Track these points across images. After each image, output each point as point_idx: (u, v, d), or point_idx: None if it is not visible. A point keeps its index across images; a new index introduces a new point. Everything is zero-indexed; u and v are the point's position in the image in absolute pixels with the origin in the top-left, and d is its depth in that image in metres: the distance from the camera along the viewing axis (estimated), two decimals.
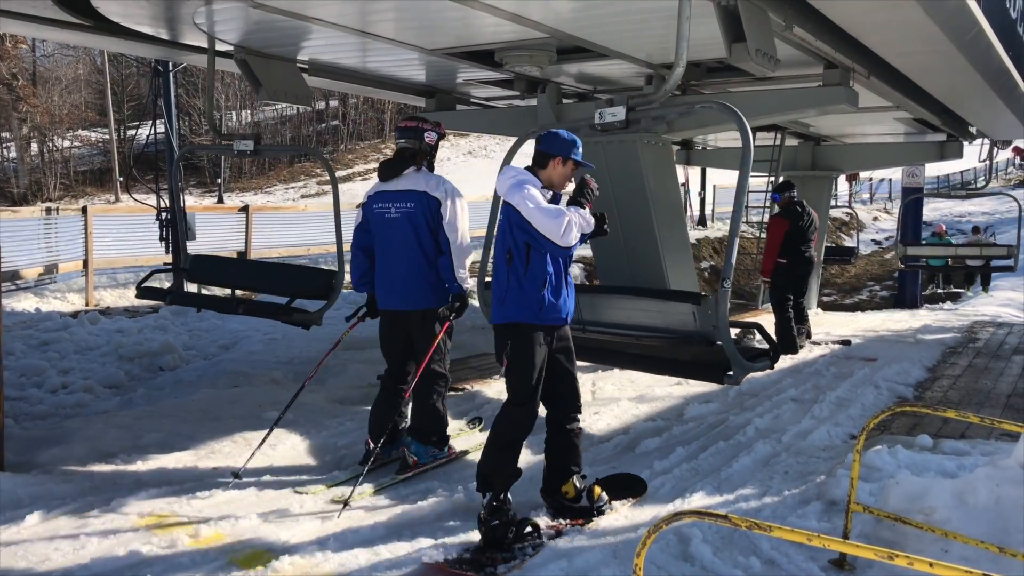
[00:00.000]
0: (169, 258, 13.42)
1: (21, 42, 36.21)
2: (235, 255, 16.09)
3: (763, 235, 11.53)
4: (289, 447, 5.71)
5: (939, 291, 20.12)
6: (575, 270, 15.15)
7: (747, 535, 4.11)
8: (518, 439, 4.33)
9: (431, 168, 5.28)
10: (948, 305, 17.94)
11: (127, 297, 12.43)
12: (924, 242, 19.01)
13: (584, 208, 4.18)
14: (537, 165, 4.32)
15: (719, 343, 4.33)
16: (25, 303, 11.27)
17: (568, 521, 4.45)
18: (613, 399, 7.04)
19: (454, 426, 5.90)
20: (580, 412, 4.52)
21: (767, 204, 12.05)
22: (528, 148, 4.77)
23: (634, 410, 6.76)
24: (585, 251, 14.46)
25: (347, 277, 5.73)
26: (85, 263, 12.42)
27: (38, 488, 4.75)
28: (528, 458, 4.83)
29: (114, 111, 42.47)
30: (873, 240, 34.70)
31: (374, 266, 5.32)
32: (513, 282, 4.21)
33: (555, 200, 4.31)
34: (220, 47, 7.99)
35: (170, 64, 13.54)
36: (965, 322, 12.79)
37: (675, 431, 6.24)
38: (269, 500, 4.71)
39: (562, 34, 7.55)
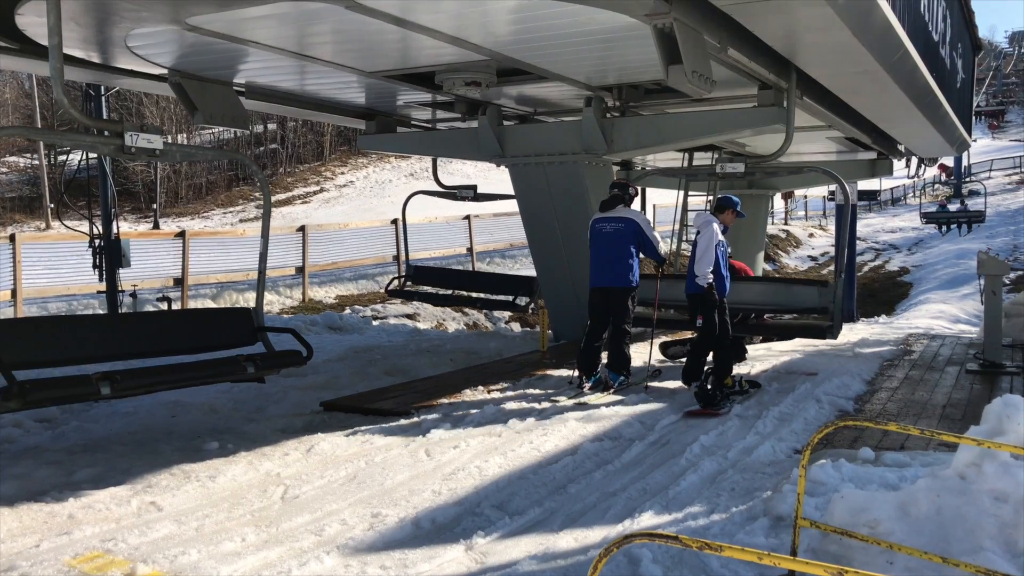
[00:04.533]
0: (103, 286, 13.06)
1: None
2: (171, 282, 15.75)
3: None
4: (230, 479, 5.55)
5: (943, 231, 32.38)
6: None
7: (697, 554, 4.11)
8: (704, 355, 8.12)
9: (629, 205, 8.45)
10: (883, 319, 18.49)
11: None
12: (934, 209, 32.51)
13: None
14: (719, 211, 8.17)
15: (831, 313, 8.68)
16: None
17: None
18: (561, 419, 7.01)
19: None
20: (730, 341, 8.16)
21: None
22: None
23: (581, 429, 6.75)
24: (530, 271, 14.75)
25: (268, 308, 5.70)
26: (14, 293, 12.01)
27: None
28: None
29: None
30: (809, 256, 35.45)
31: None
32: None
33: (726, 230, 8.14)
34: (154, 70, 7.84)
35: (102, 88, 13.22)
36: (900, 335, 13.10)
37: (622, 450, 6.24)
38: (209, 535, 4.57)
39: (501, 56, 7.59)
